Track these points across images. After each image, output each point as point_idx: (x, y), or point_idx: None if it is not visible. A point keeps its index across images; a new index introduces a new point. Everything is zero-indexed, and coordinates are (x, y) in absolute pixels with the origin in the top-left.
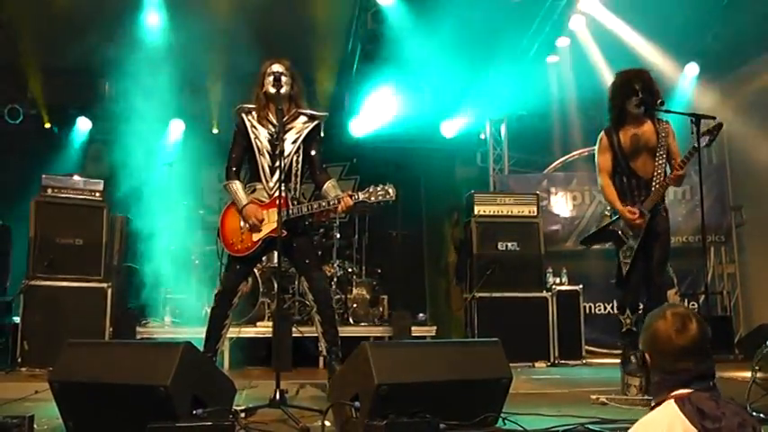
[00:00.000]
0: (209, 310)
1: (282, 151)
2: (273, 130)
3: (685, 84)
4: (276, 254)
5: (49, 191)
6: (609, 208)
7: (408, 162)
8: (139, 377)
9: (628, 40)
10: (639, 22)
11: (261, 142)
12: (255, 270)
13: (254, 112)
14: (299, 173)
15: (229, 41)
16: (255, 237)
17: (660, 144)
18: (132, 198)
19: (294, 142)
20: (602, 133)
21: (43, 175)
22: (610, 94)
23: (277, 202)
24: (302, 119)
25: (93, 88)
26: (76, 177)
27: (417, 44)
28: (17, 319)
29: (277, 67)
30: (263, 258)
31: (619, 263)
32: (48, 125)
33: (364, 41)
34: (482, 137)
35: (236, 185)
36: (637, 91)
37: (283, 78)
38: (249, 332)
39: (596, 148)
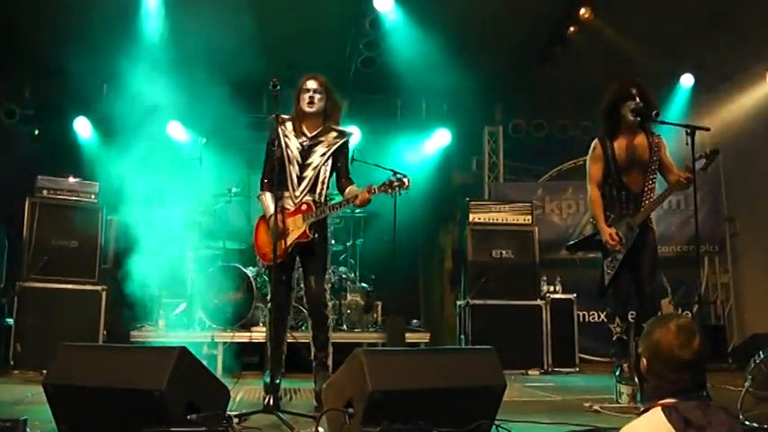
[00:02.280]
0: (203, 314)
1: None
2: (306, 141)
3: (681, 94)
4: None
5: (45, 192)
6: (592, 217)
7: (404, 168)
8: (134, 381)
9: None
10: (635, 31)
11: (291, 152)
12: (250, 275)
13: (288, 123)
14: (325, 181)
15: (226, 46)
16: (286, 243)
17: (653, 159)
18: (129, 200)
19: (323, 155)
20: (596, 141)
21: (39, 176)
22: (605, 100)
23: (302, 208)
24: (333, 134)
25: (91, 89)
26: (72, 179)
27: (415, 50)
28: (10, 321)
29: (312, 84)
30: None
31: (602, 272)
32: (43, 126)
33: (362, 48)
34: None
35: (267, 197)
36: (633, 96)
37: (317, 96)
38: (243, 337)
39: (589, 155)
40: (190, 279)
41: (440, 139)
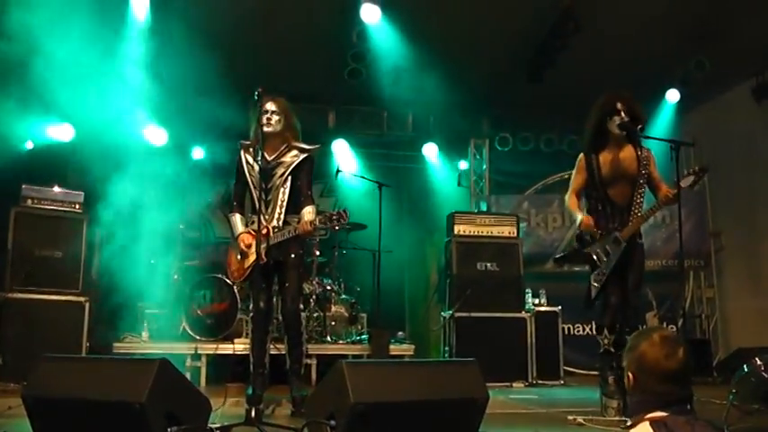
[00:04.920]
0: (186, 326)
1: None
2: (265, 166)
3: (666, 110)
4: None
5: (29, 201)
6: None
7: (390, 180)
8: (114, 393)
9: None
10: (622, 46)
11: (254, 176)
12: (234, 287)
13: (250, 149)
14: (284, 204)
15: (211, 57)
16: (245, 264)
17: (641, 172)
18: (113, 211)
19: (282, 175)
20: (581, 155)
21: (23, 186)
22: (591, 115)
23: (263, 232)
24: (293, 152)
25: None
26: (57, 189)
27: (401, 62)
28: None
29: (270, 106)
30: None
31: (589, 285)
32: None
33: (349, 59)
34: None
35: (236, 217)
36: (619, 111)
37: (274, 117)
38: (226, 349)
39: (574, 169)
40: (174, 290)
41: (426, 152)
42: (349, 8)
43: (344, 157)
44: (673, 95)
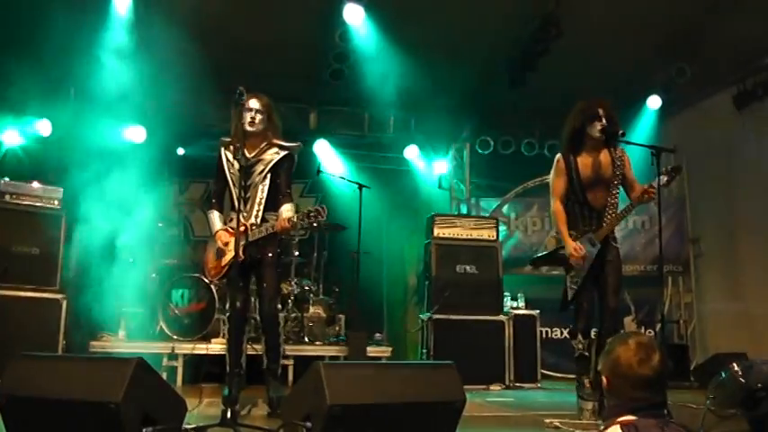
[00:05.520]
0: (163, 326)
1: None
2: (245, 162)
3: (647, 116)
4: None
5: (7, 197)
6: (556, 231)
7: (371, 182)
8: (90, 393)
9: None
10: (604, 52)
11: (234, 174)
12: (212, 287)
13: (231, 146)
14: (263, 201)
15: (194, 55)
16: (223, 262)
17: (615, 174)
18: (92, 207)
19: (261, 173)
20: (559, 156)
21: (1, 181)
22: (572, 120)
23: (241, 230)
24: (273, 150)
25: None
26: (35, 184)
27: (384, 65)
28: None
29: (253, 104)
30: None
31: (565, 288)
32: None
33: (332, 60)
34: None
35: (213, 214)
36: (600, 116)
37: (258, 116)
38: (204, 349)
39: (552, 170)
40: (151, 289)
41: (407, 154)
42: (332, 9)
43: (326, 158)
44: (654, 102)
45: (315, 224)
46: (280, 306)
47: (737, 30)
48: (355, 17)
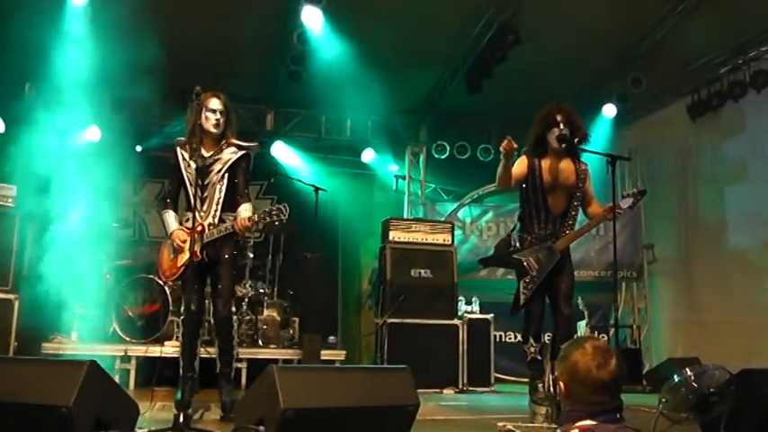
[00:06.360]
0: (116, 327)
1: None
2: (202, 162)
3: (603, 124)
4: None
5: None
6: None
7: (327, 185)
8: (40, 396)
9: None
10: (561, 60)
11: (191, 174)
12: (166, 288)
13: (187, 146)
14: (220, 201)
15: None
16: (179, 262)
17: (578, 186)
18: (46, 206)
19: (219, 172)
20: (523, 155)
21: None
22: (533, 127)
23: (198, 229)
24: (231, 149)
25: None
26: None
27: (342, 68)
28: None
29: (215, 104)
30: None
31: (518, 292)
32: None
33: (289, 61)
34: (393, 168)
35: (169, 214)
36: (558, 122)
37: (222, 118)
38: (157, 351)
39: (515, 162)
40: (105, 290)
41: (364, 157)
42: (290, 10)
43: (283, 160)
44: (609, 110)
45: (277, 222)
46: (234, 308)
47: (692, 41)
48: (313, 19)
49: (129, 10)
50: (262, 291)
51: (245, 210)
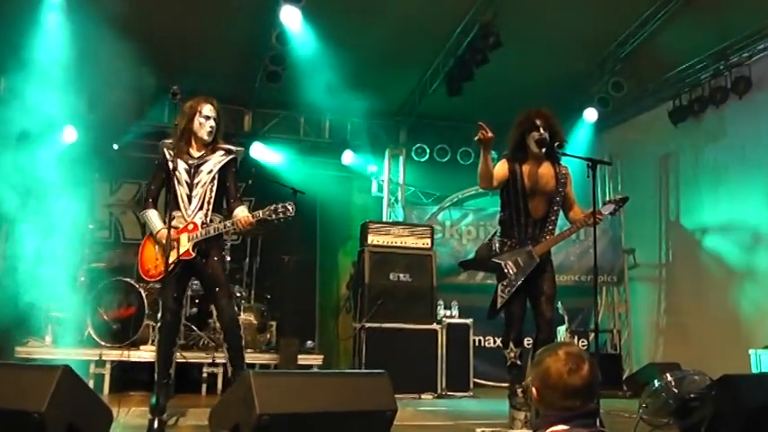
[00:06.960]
0: (91, 331)
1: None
2: (192, 162)
3: (584, 128)
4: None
5: None
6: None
7: (305, 187)
8: (12, 401)
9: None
10: (542, 63)
11: (180, 173)
12: (142, 291)
13: (174, 149)
14: (212, 201)
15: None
16: (170, 259)
17: (558, 190)
18: (19, 208)
19: (209, 173)
20: (504, 158)
21: None
22: (513, 130)
23: (188, 228)
24: (220, 152)
25: None
26: None
27: (321, 69)
28: None
29: (209, 111)
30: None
31: (495, 296)
32: None
33: (268, 62)
34: (373, 168)
35: (152, 213)
36: (538, 126)
37: (216, 125)
38: (132, 356)
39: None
40: (80, 293)
41: (343, 159)
42: (269, 10)
43: (261, 161)
44: (590, 114)
45: (282, 220)
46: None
47: (674, 46)
48: (292, 20)
49: (106, 7)
50: (239, 294)
51: (241, 211)
